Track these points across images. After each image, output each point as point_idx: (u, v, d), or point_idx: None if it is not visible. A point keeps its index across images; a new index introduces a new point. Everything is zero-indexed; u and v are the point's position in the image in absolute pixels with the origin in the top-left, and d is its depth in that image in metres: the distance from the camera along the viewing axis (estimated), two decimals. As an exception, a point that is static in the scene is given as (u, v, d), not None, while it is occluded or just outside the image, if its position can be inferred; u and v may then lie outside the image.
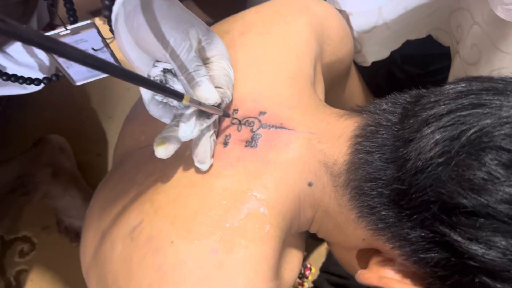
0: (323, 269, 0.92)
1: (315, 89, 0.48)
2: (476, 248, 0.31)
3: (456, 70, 0.70)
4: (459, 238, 0.32)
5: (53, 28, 0.74)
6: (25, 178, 0.93)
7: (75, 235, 0.99)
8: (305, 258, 0.99)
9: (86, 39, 0.61)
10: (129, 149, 0.55)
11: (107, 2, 0.44)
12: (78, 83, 0.65)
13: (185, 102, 0.35)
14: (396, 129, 0.38)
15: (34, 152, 0.95)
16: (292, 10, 0.51)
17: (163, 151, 0.39)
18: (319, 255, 0.99)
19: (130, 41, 0.42)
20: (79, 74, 0.64)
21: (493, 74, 0.63)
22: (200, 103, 0.38)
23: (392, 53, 0.94)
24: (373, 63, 0.94)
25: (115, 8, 0.43)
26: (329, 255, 0.96)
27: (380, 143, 0.38)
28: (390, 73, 0.97)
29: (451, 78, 0.73)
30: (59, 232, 1.01)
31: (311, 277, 0.94)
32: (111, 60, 0.62)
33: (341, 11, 0.66)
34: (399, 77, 0.97)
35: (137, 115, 0.56)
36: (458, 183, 0.32)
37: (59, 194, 0.96)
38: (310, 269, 0.74)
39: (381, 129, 0.39)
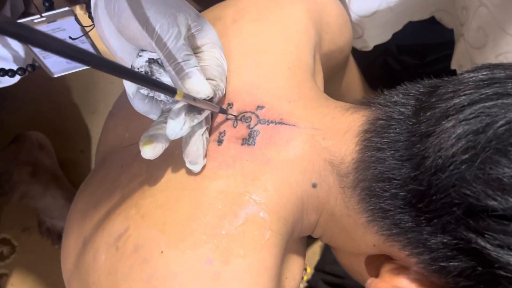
0: (318, 268, 0.89)
1: (315, 81, 0.44)
2: (508, 257, 0.28)
3: (460, 54, 0.67)
4: (488, 245, 0.29)
5: (28, 16, 0.70)
6: (2, 177, 0.88)
7: (58, 237, 0.95)
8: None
9: (63, 27, 0.56)
10: (112, 146, 0.50)
11: (84, -15, 0.40)
12: (56, 75, 0.60)
13: (178, 98, 0.31)
14: (410, 123, 0.34)
15: (11, 150, 0.90)
16: None
17: (150, 151, 0.35)
18: (313, 253, 0.96)
19: (111, 28, 0.37)
20: (57, 65, 0.59)
21: (499, 59, 0.60)
22: (194, 99, 0.34)
23: (388, 43, 0.91)
24: (369, 53, 0.90)
25: (93, -8, 0.39)
26: (324, 254, 0.93)
27: (392, 139, 0.34)
28: (386, 64, 0.94)
29: (454, 62, 0.69)
30: (40, 233, 0.96)
31: (306, 277, 0.91)
32: (92, 51, 0.58)
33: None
34: (395, 68, 0.94)
35: (120, 109, 0.52)
36: (486, 182, 0.28)
37: (39, 194, 0.91)
38: (305, 269, 0.70)
39: (393, 123, 0.35)
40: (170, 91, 0.30)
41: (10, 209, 0.97)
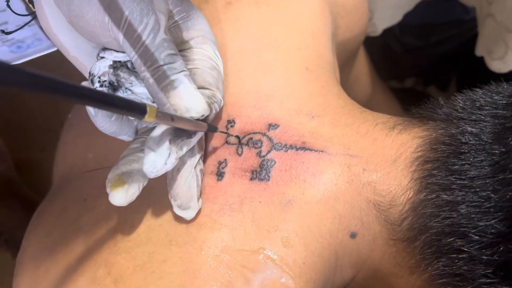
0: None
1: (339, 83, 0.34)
2: None
3: (490, 38, 0.57)
4: None
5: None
6: None
7: (18, 249, 0.84)
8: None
9: (3, 8, 0.44)
10: (71, 168, 0.39)
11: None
12: None
13: (149, 119, 0.20)
14: (494, 151, 0.24)
15: (-45, 155, 0.78)
16: None
17: (121, 197, 0.25)
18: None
19: (59, 18, 0.27)
20: (-1, 57, 0.47)
21: None
22: (173, 118, 0.23)
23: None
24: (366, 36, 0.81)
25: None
26: None
27: (466, 175, 0.25)
28: (386, 46, 0.85)
29: (480, 48, 0.59)
30: (-3, 246, 0.85)
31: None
32: (48, 44, 0.46)
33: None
34: (396, 50, 0.85)
35: (81, 120, 0.41)
36: None
37: (-8, 205, 0.80)
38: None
39: (465, 149, 0.25)
40: (135, 110, 0.20)
41: (-40, 221, 0.85)
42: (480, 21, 0.60)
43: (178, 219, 0.28)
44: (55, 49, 0.48)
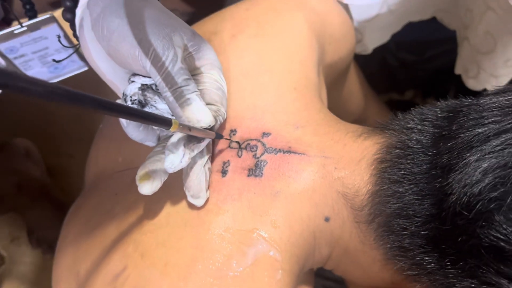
0: (319, 273, 0.87)
1: (322, 100, 0.41)
2: None
3: (466, 59, 0.64)
4: None
5: (9, 24, 0.65)
6: (-13, 191, 0.84)
7: (48, 247, 0.92)
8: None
9: (46, 36, 0.53)
10: (104, 169, 0.47)
11: (68, 3, 0.36)
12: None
13: (173, 129, 0.28)
14: (430, 153, 0.32)
15: (-4, 160, 0.86)
16: (289, 6, 0.43)
17: (148, 187, 0.32)
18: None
19: (99, 50, 0.34)
20: (40, 76, 0.56)
21: (508, 64, 0.57)
22: (190, 129, 0.30)
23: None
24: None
25: (78, 11, 0.35)
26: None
27: (410, 171, 0.32)
28: (383, 60, 0.92)
29: (459, 67, 0.67)
30: (30, 244, 0.93)
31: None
32: (80, 64, 0.54)
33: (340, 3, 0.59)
34: (393, 64, 0.92)
35: (112, 129, 0.48)
36: None
37: (27, 206, 0.88)
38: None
39: (410, 152, 0.32)
40: (164, 123, 0.27)
41: (-2, 219, 0.93)
42: (459, 43, 0.67)
43: (191, 206, 0.35)
44: (85, 69, 0.56)
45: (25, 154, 0.90)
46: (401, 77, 0.95)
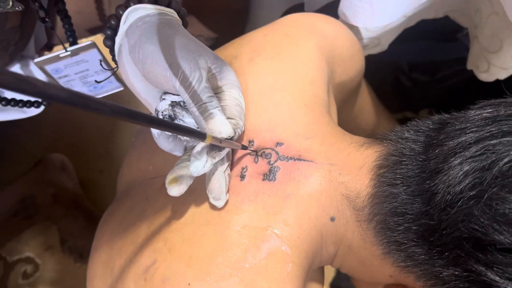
0: (334, 285, 0.90)
1: (331, 115, 0.46)
2: None
3: (476, 56, 0.69)
4: (497, 278, 0.30)
5: (51, 48, 0.72)
6: (27, 201, 0.91)
7: (79, 255, 0.97)
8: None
9: (86, 59, 0.59)
10: (135, 178, 0.53)
11: (108, 32, 0.42)
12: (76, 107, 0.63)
13: (208, 142, 0.33)
14: (421, 159, 0.36)
15: (35, 173, 0.93)
16: (301, 32, 0.49)
17: (176, 190, 0.37)
18: (328, 268, 0.97)
19: (136, 72, 0.40)
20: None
21: None
22: (220, 141, 0.36)
23: (400, 61, 0.92)
24: (380, 70, 0.92)
25: (117, 39, 0.41)
26: (338, 274, 0.94)
27: (404, 175, 0.36)
28: (397, 80, 0.96)
29: (470, 63, 0.71)
30: (62, 252, 0.99)
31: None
32: (117, 84, 0.60)
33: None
34: (407, 84, 0.95)
35: (143, 142, 0.54)
36: (493, 217, 0.30)
37: (61, 215, 0.94)
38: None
39: (405, 159, 0.37)
40: (199, 136, 0.33)
41: (34, 229, 1.00)
42: (471, 41, 0.71)
43: (213, 207, 0.40)
44: (121, 89, 0.62)
45: (61, 168, 0.97)
46: (415, 96, 0.98)
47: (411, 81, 0.96)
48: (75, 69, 0.58)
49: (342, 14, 0.65)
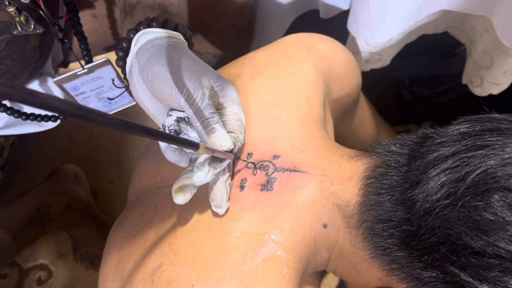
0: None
1: (326, 129, 0.49)
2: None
3: (470, 71, 0.73)
4: (470, 279, 0.33)
5: (67, 65, 0.77)
6: (42, 210, 0.95)
7: (90, 263, 1.01)
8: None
9: (101, 76, 0.63)
10: (145, 188, 0.56)
11: (120, 54, 0.46)
12: (89, 121, 0.68)
13: (200, 151, 0.37)
14: (404, 170, 0.39)
15: (50, 183, 0.97)
16: (299, 52, 0.52)
17: (181, 198, 0.40)
18: (332, 276, 0.99)
19: (145, 91, 0.43)
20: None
21: (507, 74, 0.65)
22: (213, 151, 0.39)
23: (401, 75, 0.95)
24: (382, 84, 0.95)
25: (129, 60, 0.45)
26: (342, 281, 0.96)
27: (389, 185, 0.39)
28: (398, 94, 0.98)
29: (465, 78, 0.75)
30: (74, 259, 1.03)
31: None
32: (130, 99, 0.64)
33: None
34: (408, 98, 0.98)
35: (152, 154, 0.58)
36: (465, 224, 0.33)
37: (74, 224, 0.97)
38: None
39: (390, 170, 0.40)
40: (193, 146, 0.36)
41: (48, 237, 1.04)
42: (467, 56, 0.74)
43: (215, 214, 0.43)
44: (133, 104, 0.66)
45: (74, 178, 1.00)
46: (417, 109, 1.01)
47: (413, 95, 0.98)
48: (91, 86, 0.61)
49: (349, 27, 0.69)
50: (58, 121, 0.68)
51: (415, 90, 0.97)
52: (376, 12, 0.62)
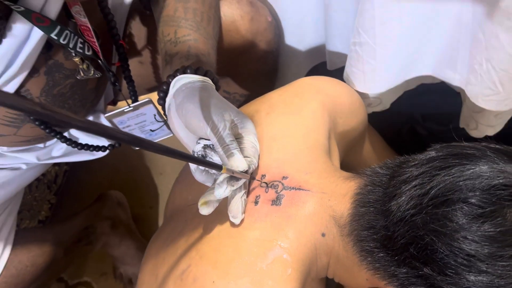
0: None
1: (329, 156, 0.58)
2: (445, 279, 0.40)
3: (466, 117, 0.79)
4: (431, 272, 0.41)
5: (115, 103, 0.89)
6: (88, 229, 1.06)
7: (129, 281, 1.11)
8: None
9: (144, 112, 0.75)
10: (178, 206, 0.66)
11: (161, 94, 0.57)
12: (137, 148, 0.79)
13: (222, 172, 0.46)
14: (385, 187, 0.47)
15: (96, 207, 1.08)
16: (309, 93, 0.62)
17: (205, 209, 0.49)
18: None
19: (180, 124, 0.54)
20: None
21: (499, 117, 0.72)
22: (233, 172, 0.48)
23: (414, 113, 1.02)
24: (396, 121, 1.02)
25: (168, 99, 0.56)
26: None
27: (373, 199, 0.47)
28: (413, 130, 1.05)
29: (462, 122, 0.82)
30: (114, 278, 1.13)
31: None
32: (167, 132, 0.75)
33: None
34: (422, 133, 1.04)
35: (184, 178, 0.68)
36: (427, 228, 0.41)
37: (116, 244, 1.08)
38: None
39: (375, 188, 0.48)
40: (216, 167, 0.46)
41: (92, 256, 1.14)
42: (462, 102, 0.81)
43: (233, 224, 0.52)
44: (170, 135, 0.77)
45: (117, 203, 1.12)
46: (430, 144, 1.06)
47: (426, 130, 1.05)
48: (135, 120, 0.73)
49: (345, 78, 0.77)
50: (107, 151, 0.80)
51: (428, 126, 1.03)
52: (369, 66, 0.69)
